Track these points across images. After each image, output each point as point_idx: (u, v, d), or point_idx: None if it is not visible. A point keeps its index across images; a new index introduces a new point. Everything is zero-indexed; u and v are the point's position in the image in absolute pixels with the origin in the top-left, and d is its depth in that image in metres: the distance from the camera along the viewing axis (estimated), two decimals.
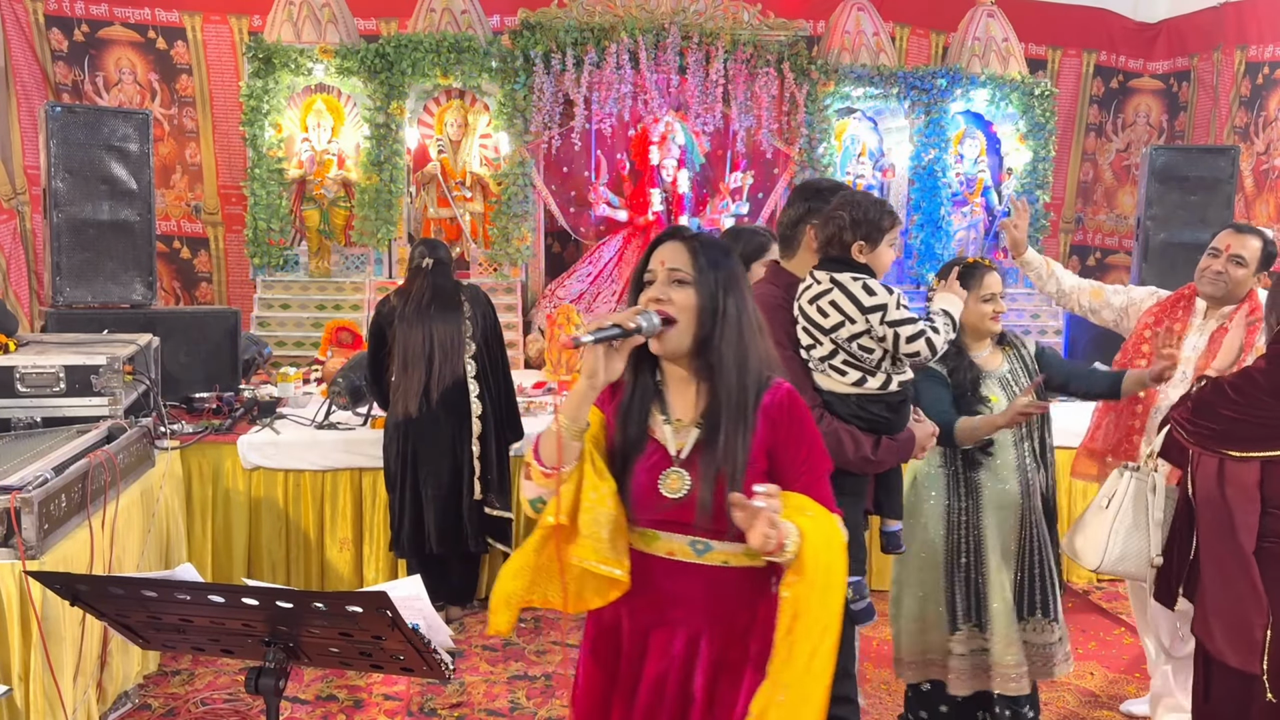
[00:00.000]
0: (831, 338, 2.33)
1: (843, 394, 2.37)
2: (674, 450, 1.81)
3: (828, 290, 2.34)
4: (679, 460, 1.80)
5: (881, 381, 2.38)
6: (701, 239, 1.85)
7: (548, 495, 1.78)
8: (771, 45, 6.24)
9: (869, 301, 2.31)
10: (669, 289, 1.78)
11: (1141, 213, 5.87)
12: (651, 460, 1.81)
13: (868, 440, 2.36)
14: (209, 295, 6.92)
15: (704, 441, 1.78)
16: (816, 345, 2.36)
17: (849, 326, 2.31)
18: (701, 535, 1.78)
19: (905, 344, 2.33)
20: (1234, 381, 2.37)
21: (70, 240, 4.80)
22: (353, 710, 3.53)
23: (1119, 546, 2.69)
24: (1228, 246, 3.17)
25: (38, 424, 3.55)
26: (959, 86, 6.48)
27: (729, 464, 1.75)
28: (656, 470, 1.80)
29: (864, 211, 2.37)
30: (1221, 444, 2.35)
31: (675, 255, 1.81)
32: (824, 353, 2.36)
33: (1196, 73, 7.35)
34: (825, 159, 6.39)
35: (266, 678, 1.71)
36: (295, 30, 5.99)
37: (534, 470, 1.78)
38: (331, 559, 4.37)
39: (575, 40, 6.04)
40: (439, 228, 6.24)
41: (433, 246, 4.18)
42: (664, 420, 1.83)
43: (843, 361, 2.35)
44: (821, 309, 2.34)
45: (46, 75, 6.48)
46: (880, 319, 2.31)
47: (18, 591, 2.71)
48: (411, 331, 3.98)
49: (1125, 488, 2.72)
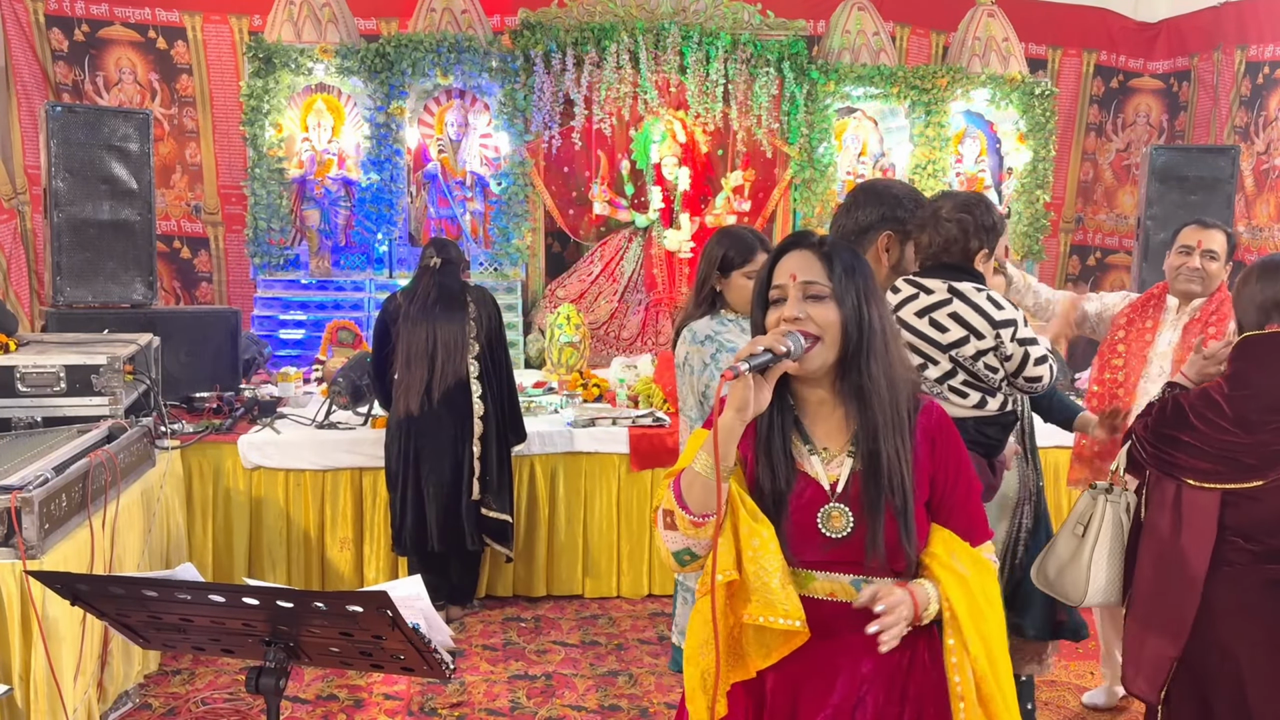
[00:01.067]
0: (951, 355, 2.06)
1: (960, 418, 2.01)
2: (827, 484, 1.62)
3: (945, 301, 2.06)
4: (836, 495, 1.61)
5: (1001, 402, 2.13)
6: (832, 244, 1.66)
7: (698, 547, 1.59)
8: (771, 45, 6.24)
9: (999, 315, 2.04)
10: (805, 305, 1.59)
11: (1142, 212, 5.87)
12: (805, 497, 1.61)
13: (984, 466, 2.08)
14: (209, 295, 6.92)
15: (864, 472, 1.60)
16: (930, 365, 2.08)
17: (974, 342, 2.04)
18: (871, 574, 1.61)
19: (1032, 366, 2.08)
20: (1197, 405, 2.25)
21: (71, 240, 4.80)
22: (353, 710, 3.53)
23: (1102, 575, 2.51)
24: (1199, 243, 3.19)
25: (38, 424, 3.56)
26: (959, 86, 6.48)
27: (899, 495, 1.58)
28: (813, 507, 1.61)
29: (991, 215, 2.13)
30: (1180, 472, 2.24)
31: (807, 266, 1.62)
32: (940, 372, 2.07)
33: (1197, 72, 7.34)
34: (825, 159, 6.40)
35: (267, 677, 1.71)
36: (295, 30, 5.99)
37: (680, 519, 1.57)
38: (332, 558, 4.37)
39: (575, 40, 6.04)
40: (439, 228, 6.24)
41: (441, 246, 4.19)
42: (809, 450, 1.65)
43: (963, 382, 2.08)
44: (938, 323, 2.04)
45: (47, 75, 6.48)
46: (1011, 335, 2.05)
47: (18, 591, 2.71)
48: (415, 330, 3.99)
49: (1101, 514, 2.54)
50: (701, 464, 1.55)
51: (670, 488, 1.61)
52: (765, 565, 1.55)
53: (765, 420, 1.61)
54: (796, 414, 1.66)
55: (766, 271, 1.66)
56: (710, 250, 2.86)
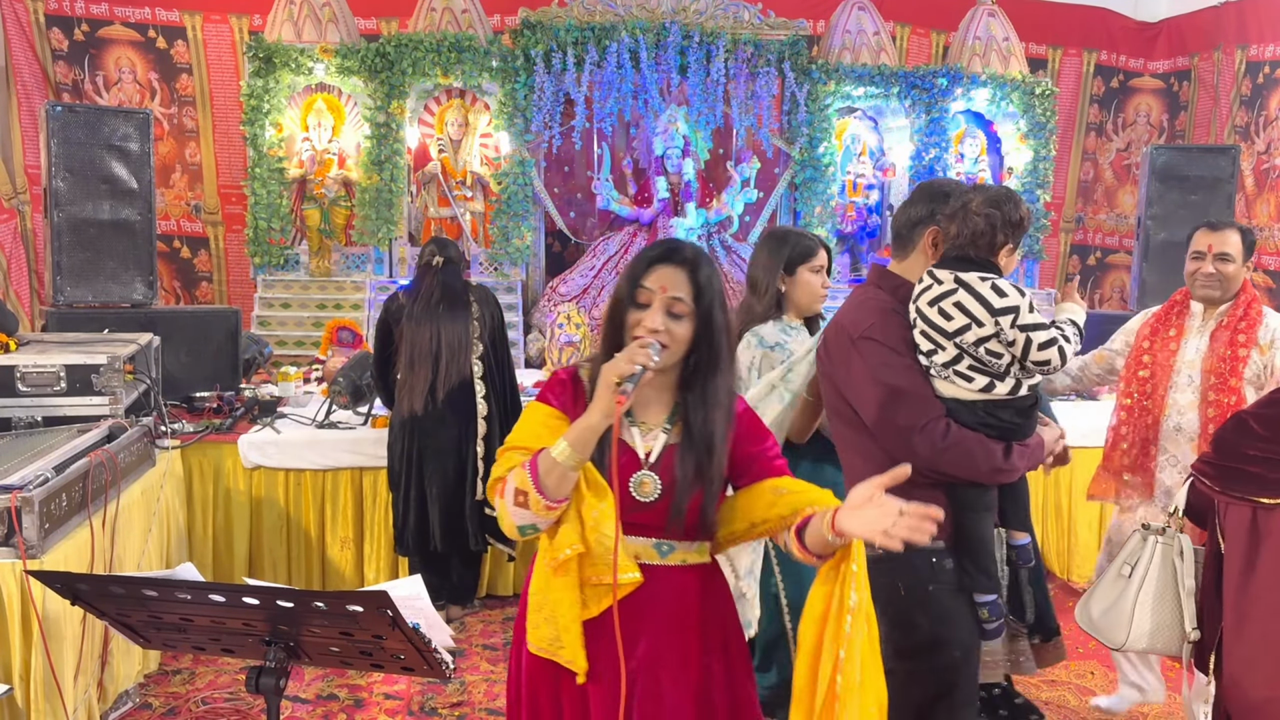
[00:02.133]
0: (956, 341, 2.17)
1: (969, 401, 2.20)
2: (642, 453, 1.84)
3: (951, 291, 2.18)
4: (648, 464, 1.83)
5: (1011, 386, 2.21)
6: (700, 262, 1.84)
7: (542, 523, 1.77)
8: (772, 44, 6.24)
9: (1000, 303, 2.15)
10: (668, 320, 1.79)
11: (1142, 212, 5.87)
12: (621, 463, 1.77)
13: (998, 448, 2.19)
14: (209, 295, 6.92)
15: (684, 453, 1.82)
16: (938, 350, 2.20)
17: (975, 330, 2.15)
18: (668, 538, 1.84)
19: (1037, 350, 2.16)
20: (1259, 413, 2.15)
21: (71, 239, 4.80)
22: (353, 709, 3.53)
23: (1148, 620, 2.38)
24: (1209, 247, 3.14)
25: (38, 423, 3.56)
26: (959, 86, 6.49)
27: (713, 479, 1.82)
28: (627, 473, 1.81)
29: (1018, 211, 2.20)
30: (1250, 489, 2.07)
31: (676, 283, 1.80)
32: (947, 358, 2.19)
33: (1197, 72, 7.34)
34: (825, 158, 6.40)
35: (267, 677, 1.71)
36: (296, 29, 5.99)
37: (535, 501, 1.73)
38: (332, 558, 4.37)
39: (576, 39, 6.04)
40: (439, 227, 6.24)
41: (443, 245, 4.18)
42: (629, 423, 1.85)
43: (968, 367, 2.19)
44: (945, 311, 2.17)
45: (47, 75, 6.48)
46: (1011, 322, 2.15)
47: (18, 591, 2.71)
48: (419, 330, 3.98)
49: (1150, 554, 2.41)
50: (561, 454, 1.70)
51: (526, 469, 1.74)
52: (605, 532, 1.75)
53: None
54: None
55: (639, 273, 1.83)
56: (769, 250, 2.95)
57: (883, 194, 6.85)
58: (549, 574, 1.81)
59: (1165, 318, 3.30)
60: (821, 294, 3.00)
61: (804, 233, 3.04)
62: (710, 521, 1.85)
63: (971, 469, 2.16)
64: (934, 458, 2.13)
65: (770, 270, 2.93)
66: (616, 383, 1.68)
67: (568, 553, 1.75)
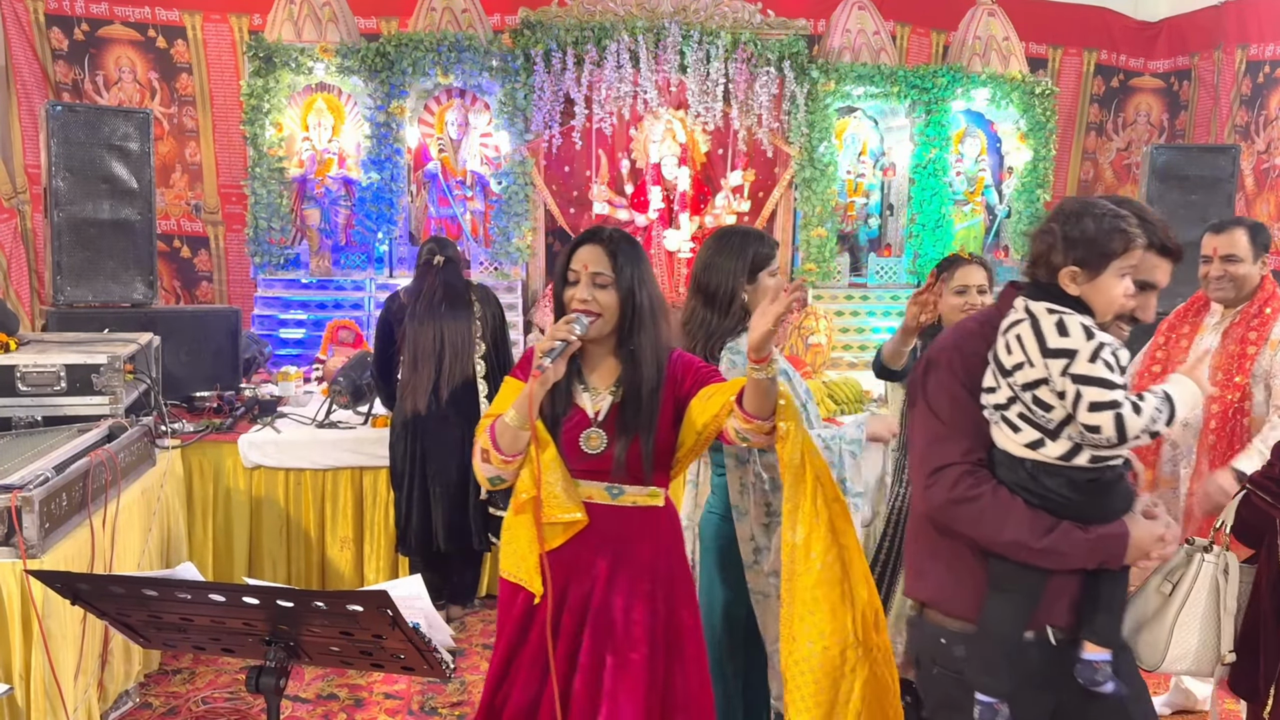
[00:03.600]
0: (1010, 381, 1.82)
1: (1015, 456, 1.84)
2: (592, 413, 2.19)
3: (1017, 321, 1.84)
4: (597, 421, 2.18)
5: (1065, 450, 1.80)
6: (616, 240, 2.18)
7: (506, 475, 2.17)
8: (772, 44, 6.23)
9: (1054, 343, 1.77)
10: (594, 291, 2.14)
11: None
12: (574, 421, 2.18)
13: (1038, 522, 1.79)
14: (210, 294, 6.92)
15: (621, 407, 2.17)
16: (996, 389, 1.85)
17: (1026, 370, 1.79)
18: (617, 481, 2.18)
19: (1087, 411, 1.74)
20: None
21: (71, 239, 4.80)
22: (353, 709, 3.53)
23: (1190, 641, 2.20)
24: (1215, 249, 3.15)
25: (38, 423, 3.56)
26: (959, 85, 6.48)
27: (647, 429, 2.15)
28: (578, 430, 2.18)
29: (1082, 227, 1.80)
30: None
31: (597, 259, 2.15)
32: (1000, 399, 1.84)
33: (1197, 71, 7.34)
34: (825, 158, 6.39)
35: (267, 676, 1.71)
36: (296, 29, 5.99)
37: (494, 456, 2.13)
38: (332, 558, 4.37)
39: (575, 39, 6.03)
40: (439, 227, 6.24)
41: (442, 244, 4.18)
42: (583, 389, 2.21)
43: (1018, 415, 1.82)
44: (1007, 344, 1.83)
45: (47, 74, 6.48)
46: (1063, 368, 1.76)
47: (19, 590, 2.71)
48: (422, 329, 3.98)
49: (1195, 574, 2.23)
50: (511, 418, 2.10)
51: (488, 432, 2.14)
52: (551, 478, 2.13)
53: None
54: (580, 361, 2.20)
55: (565, 258, 2.19)
56: (729, 255, 2.65)
57: (883, 194, 6.85)
58: (513, 515, 2.20)
59: (1183, 315, 3.34)
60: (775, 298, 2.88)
61: (760, 234, 2.76)
62: (650, 467, 2.17)
63: (982, 534, 1.82)
64: (943, 506, 1.85)
65: (733, 277, 2.64)
66: (540, 356, 2.03)
67: (523, 497, 2.14)
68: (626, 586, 2.17)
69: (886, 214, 6.86)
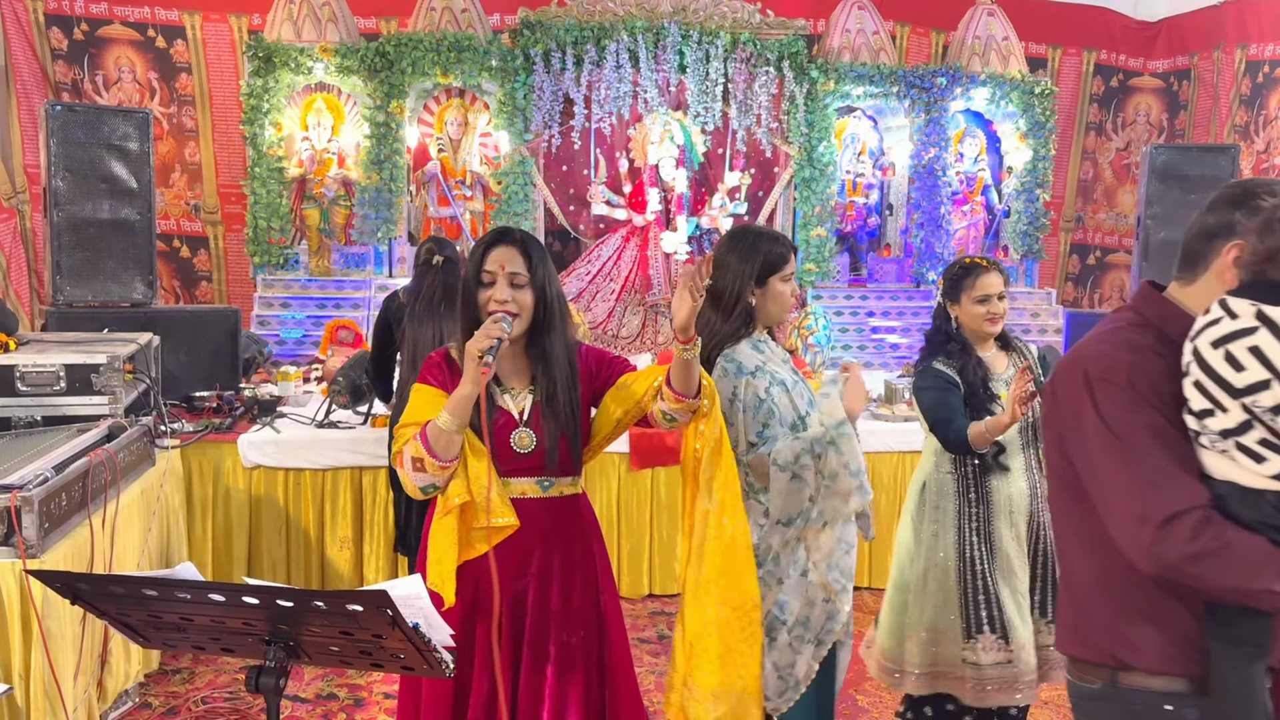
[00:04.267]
0: (1245, 403, 1.53)
1: (1252, 489, 1.55)
2: (516, 413, 2.23)
3: (1248, 330, 1.55)
4: (523, 421, 2.22)
5: None
6: (528, 240, 2.24)
7: (439, 482, 2.13)
8: (771, 44, 6.24)
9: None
10: (512, 291, 2.17)
11: (1142, 211, 5.87)
12: (501, 423, 2.20)
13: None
14: (209, 294, 6.92)
15: (543, 404, 2.22)
16: (1216, 411, 1.56)
17: (1274, 389, 1.52)
18: (548, 475, 2.24)
19: None
20: None
21: (70, 239, 4.80)
22: (353, 709, 3.53)
23: None
24: None
25: (38, 423, 3.56)
26: (959, 85, 6.49)
27: (570, 422, 2.22)
28: (507, 431, 2.21)
29: None
30: None
31: (512, 259, 2.18)
32: (1229, 424, 1.56)
33: (1197, 71, 7.35)
34: (825, 157, 6.40)
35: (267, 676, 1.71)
36: (295, 29, 5.99)
37: (430, 464, 2.10)
38: (332, 558, 4.37)
39: (575, 39, 6.04)
40: (439, 227, 6.24)
41: (441, 244, 4.17)
42: (501, 390, 2.24)
43: (1259, 441, 1.54)
44: (1234, 357, 1.54)
45: (46, 74, 6.48)
46: None
47: (18, 590, 2.71)
48: (422, 329, 3.97)
49: None
50: (444, 422, 2.07)
51: (418, 439, 2.10)
52: (483, 484, 2.12)
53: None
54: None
55: (479, 259, 2.20)
56: (738, 257, 2.52)
57: (882, 193, 6.85)
58: (439, 520, 2.16)
59: None
60: (791, 304, 2.63)
61: (774, 234, 2.61)
62: (578, 457, 2.26)
63: (1232, 584, 1.53)
64: (1178, 562, 1.54)
65: (741, 278, 2.50)
66: (479, 356, 2.04)
67: (456, 501, 2.12)
68: (562, 574, 2.26)
69: (886, 214, 6.86)
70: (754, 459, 2.45)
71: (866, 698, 3.64)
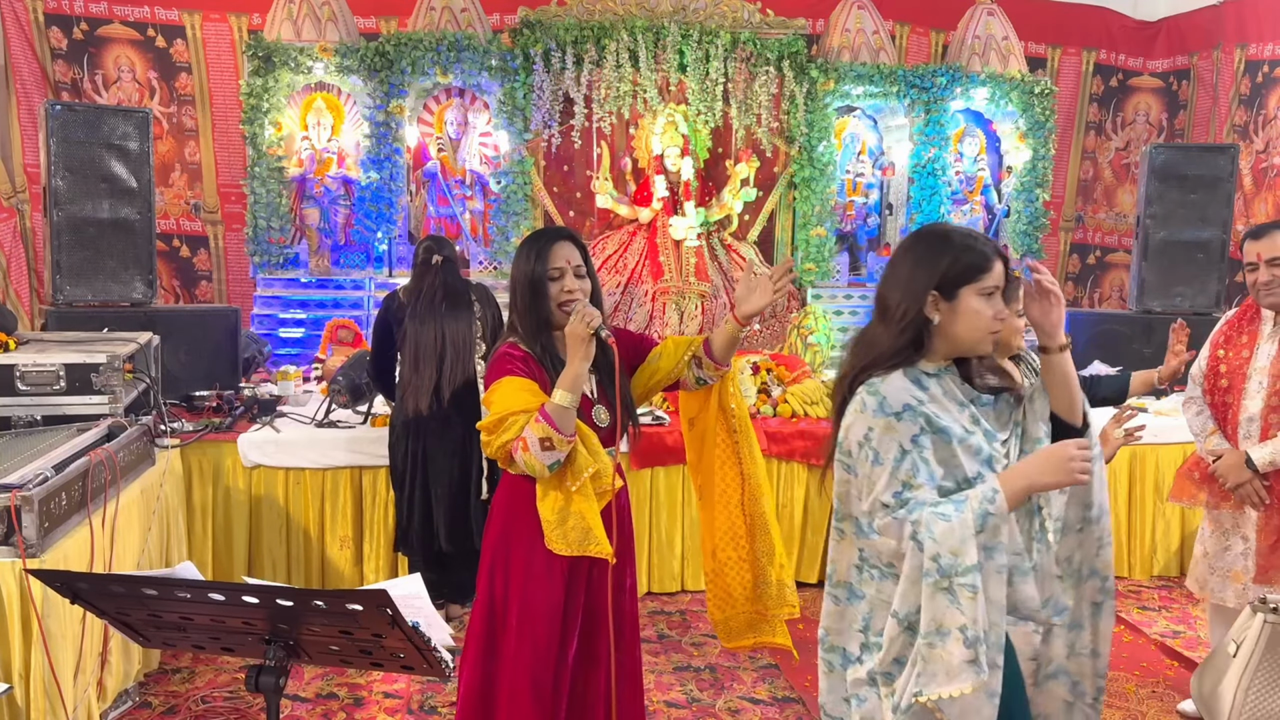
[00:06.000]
0: None
1: None
2: (591, 394, 2.47)
3: None
4: (595, 400, 2.47)
5: None
6: (577, 237, 2.52)
7: (562, 457, 2.32)
8: (771, 43, 6.24)
9: None
10: (577, 281, 2.44)
11: (1141, 211, 5.87)
12: (581, 404, 2.40)
13: None
14: (209, 294, 6.92)
15: (606, 385, 2.46)
16: None
17: None
18: (613, 447, 2.48)
19: None
20: None
21: (70, 238, 4.80)
22: (353, 708, 3.53)
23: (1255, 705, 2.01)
24: (1258, 255, 3.12)
25: (37, 422, 3.56)
26: (959, 85, 6.48)
27: (628, 399, 2.50)
28: (588, 408, 2.44)
29: None
30: None
31: (572, 254, 2.46)
32: None
33: (1196, 71, 7.35)
34: (825, 157, 6.40)
35: (267, 675, 1.71)
36: (295, 28, 5.99)
37: (559, 440, 2.29)
38: (332, 557, 4.38)
39: (575, 38, 6.04)
40: (439, 226, 6.23)
41: (440, 243, 4.17)
42: None
43: None
44: None
45: (46, 73, 6.47)
46: None
47: (18, 590, 2.71)
48: (423, 329, 3.97)
49: (1255, 634, 2.06)
50: (563, 399, 2.30)
51: (542, 420, 2.29)
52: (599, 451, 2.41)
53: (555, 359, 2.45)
54: (555, 349, 2.46)
55: (545, 256, 2.44)
56: (914, 259, 2.00)
57: (882, 193, 6.85)
58: (565, 494, 2.37)
59: (1238, 325, 3.29)
60: (991, 329, 1.97)
61: (972, 234, 2.02)
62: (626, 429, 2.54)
63: None
64: None
65: (912, 289, 1.96)
66: (591, 334, 2.30)
67: (589, 471, 2.36)
68: (626, 539, 2.58)
69: (885, 213, 6.86)
70: (884, 524, 1.89)
71: None
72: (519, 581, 2.46)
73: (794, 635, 2.80)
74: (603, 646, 2.53)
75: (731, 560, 2.68)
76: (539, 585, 2.45)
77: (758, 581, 2.67)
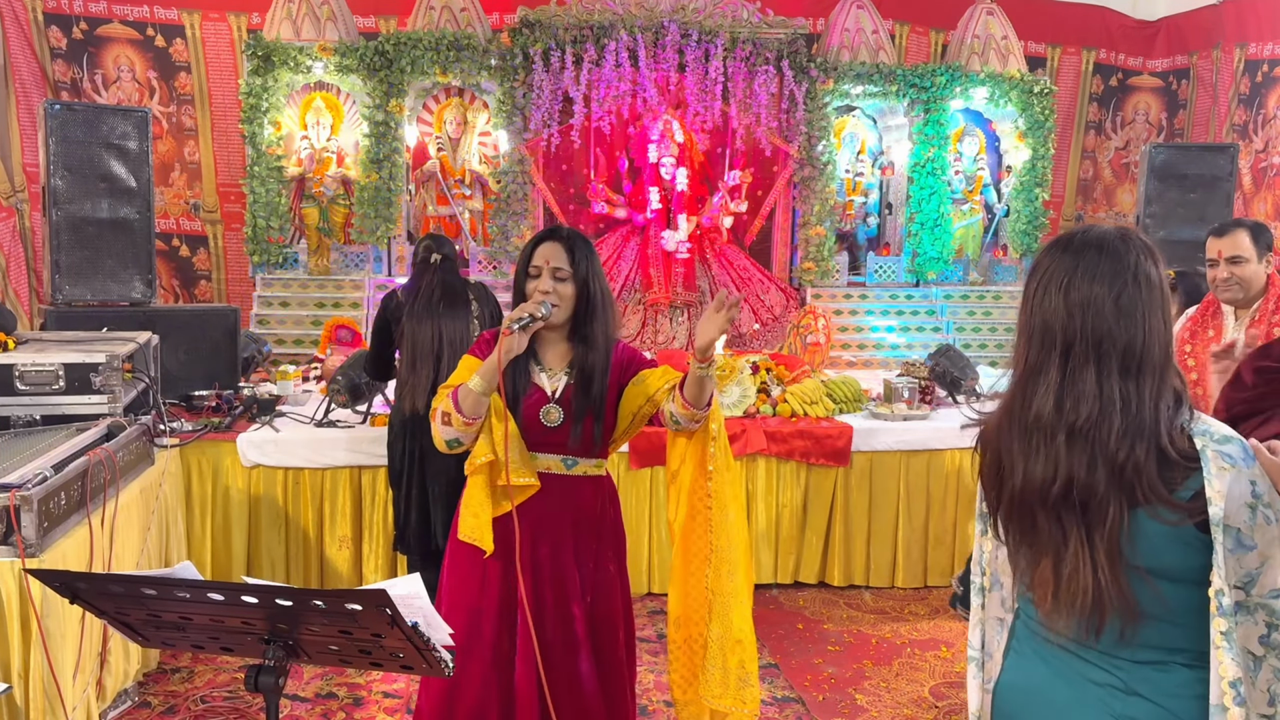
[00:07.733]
0: None
1: None
2: (549, 390, 2.45)
3: None
4: (553, 399, 2.44)
5: None
6: (574, 238, 2.46)
7: (465, 439, 2.38)
8: (771, 43, 6.24)
9: None
10: (554, 284, 2.40)
11: (1141, 210, 5.87)
12: (533, 398, 2.43)
13: None
14: (208, 293, 6.92)
15: (576, 385, 2.44)
16: None
17: None
18: (571, 454, 2.45)
19: None
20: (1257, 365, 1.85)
21: (69, 238, 4.80)
22: (352, 708, 3.53)
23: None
24: (1219, 252, 3.19)
25: (37, 422, 3.55)
26: (958, 84, 6.49)
27: (598, 405, 2.44)
28: (537, 406, 2.43)
29: None
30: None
31: (555, 255, 2.42)
32: None
33: (1196, 70, 7.35)
34: (824, 157, 6.40)
35: (266, 675, 1.71)
36: (294, 28, 5.99)
37: (456, 420, 2.34)
38: (331, 557, 4.37)
39: (574, 38, 6.04)
40: (438, 225, 6.24)
41: (439, 242, 4.16)
42: (539, 369, 2.47)
43: None
44: None
45: (45, 73, 6.47)
46: None
47: (17, 589, 2.71)
48: (421, 328, 3.96)
49: None
50: (474, 384, 2.32)
51: (450, 397, 2.35)
52: (507, 447, 2.36)
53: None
54: (535, 346, 2.45)
55: (529, 254, 2.44)
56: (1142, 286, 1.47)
57: (881, 193, 6.86)
58: (471, 478, 2.42)
59: (1201, 320, 3.36)
60: None
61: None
62: (601, 440, 2.46)
63: None
64: None
65: (1155, 332, 1.48)
66: (506, 326, 2.29)
67: (480, 460, 2.37)
68: (573, 547, 2.48)
69: (885, 213, 6.86)
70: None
71: (865, 696, 3.64)
72: (445, 573, 2.58)
73: (794, 635, 2.79)
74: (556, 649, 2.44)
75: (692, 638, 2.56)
76: (457, 575, 2.53)
77: (709, 666, 2.51)
